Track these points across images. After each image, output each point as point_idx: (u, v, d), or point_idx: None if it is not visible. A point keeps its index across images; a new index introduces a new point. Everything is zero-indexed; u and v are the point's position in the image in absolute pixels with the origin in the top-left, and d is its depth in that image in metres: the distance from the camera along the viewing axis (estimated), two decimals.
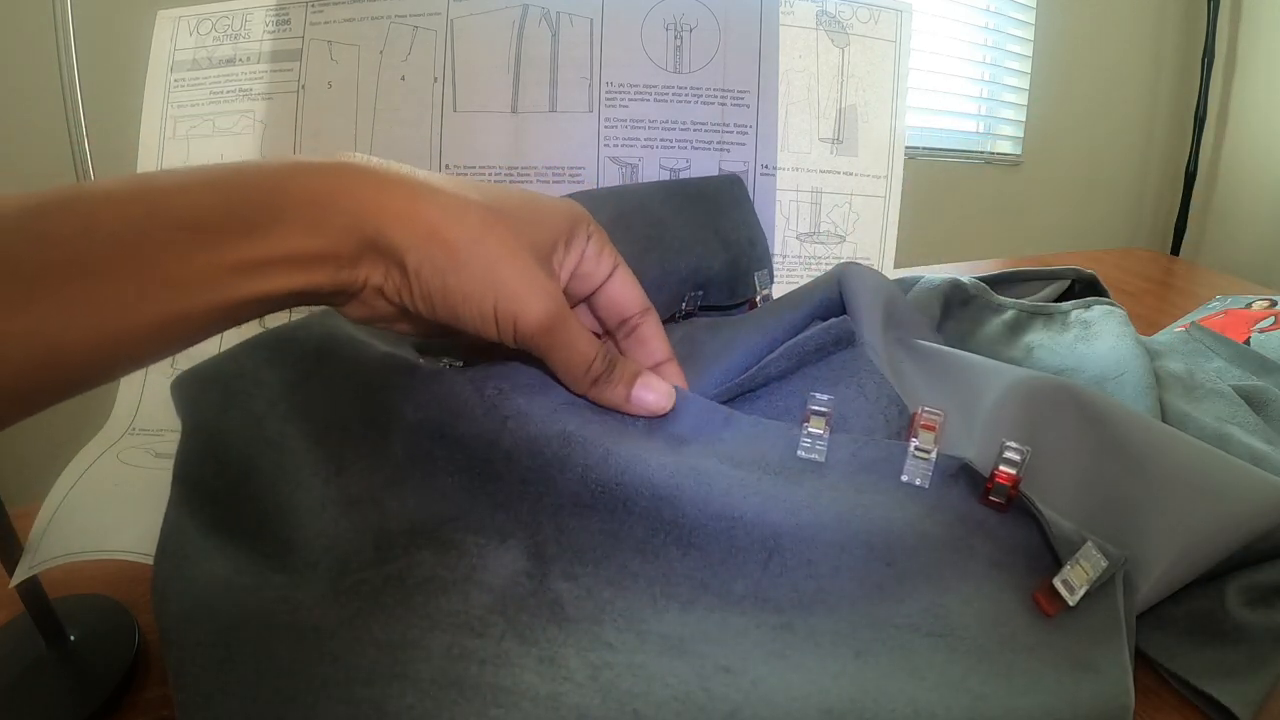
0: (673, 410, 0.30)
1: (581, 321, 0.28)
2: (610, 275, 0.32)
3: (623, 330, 0.33)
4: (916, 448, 0.29)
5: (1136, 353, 0.43)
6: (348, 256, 0.25)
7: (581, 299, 0.33)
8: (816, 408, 0.29)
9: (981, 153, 1.67)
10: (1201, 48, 1.64)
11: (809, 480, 0.29)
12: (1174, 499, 0.29)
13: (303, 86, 0.50)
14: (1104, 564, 0.26)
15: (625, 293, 0.32)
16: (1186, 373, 0.44)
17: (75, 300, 0.20)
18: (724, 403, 0.33)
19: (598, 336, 0.30)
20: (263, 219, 0.23)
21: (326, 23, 0.50)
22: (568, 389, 0.30)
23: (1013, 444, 0.27)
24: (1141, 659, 0.29)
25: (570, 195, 0.45)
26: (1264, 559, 0.30)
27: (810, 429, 0.29)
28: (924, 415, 0.29)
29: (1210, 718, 0.28)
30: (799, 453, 0.29)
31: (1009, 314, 0.52)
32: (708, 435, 0.30)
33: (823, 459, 0.29)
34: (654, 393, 0.30)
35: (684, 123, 0.52)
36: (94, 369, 0.21)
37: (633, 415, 0.30)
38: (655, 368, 0.32)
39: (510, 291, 0.26)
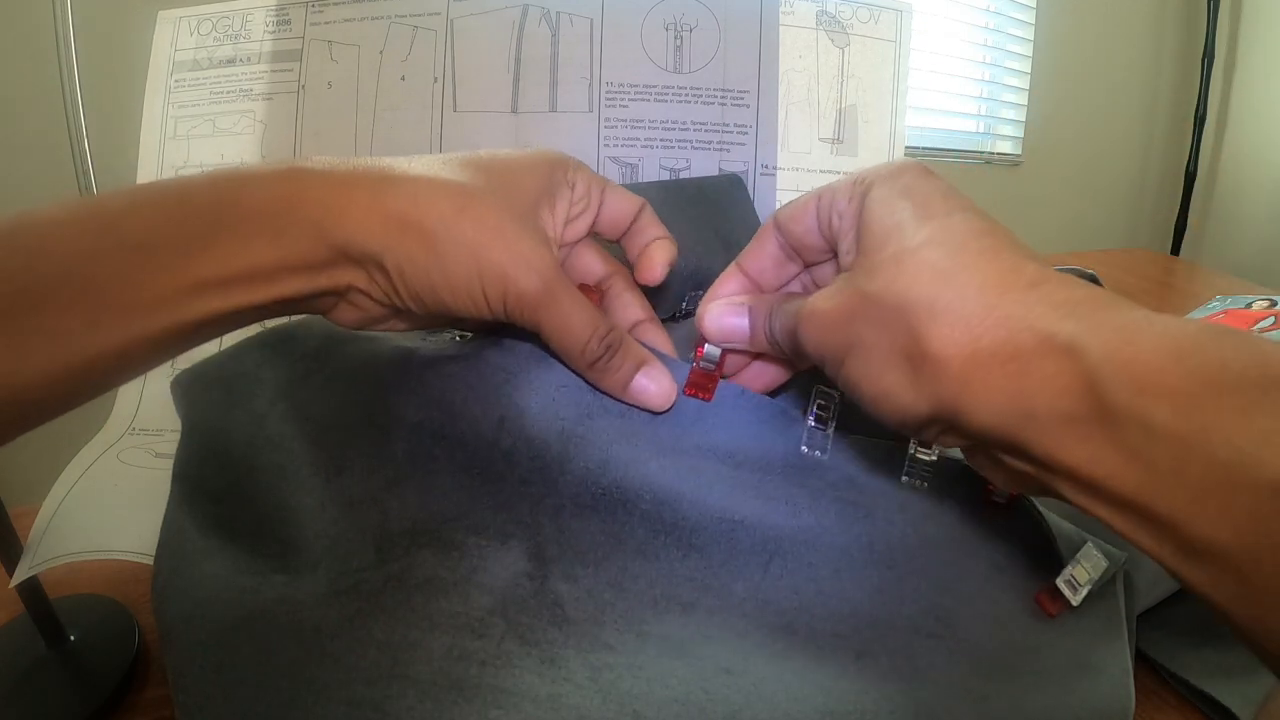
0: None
1: (579, 295, 0.27)
2: (603, 200, 0.31)
3: (627, 236, 0.32)
4: (918, 449, 0.29)
5: None
6: (320, 264, 0.24)
7: (584, 236, 0.32)
8: (822, 401, 0.29)
9: (981, 153, 1.66)
10: (1201, 48, 1.64)
11: (811, 480, 0.29)
12: None
13: (303, 86, 0.50)
14: (1104, 564, 0.26)
15: (618, 206, 0.31)
16: None
17: (26, 334, 0.19)
18: None
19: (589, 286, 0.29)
20: (216, 235, 0.22)
21: (326, 23, 0.50)
22: (567, 367, 0.29)
23: None
24: (1142, 659, 0.29)
25: None
26: None
27: (814, 423, 0.29)
28: None
29: (1210, 718, 0.28)
30: (802, 447, 0.29)
31: None
32: (714, 418, 0.29)
33: (825, 454, 0.29)
34: (655, 384, 0.28)
35: (684, 123, 0.52)
36: (54, 400, 0.21)
37: (628, 404, 0.29)
38: (653, 243, 0.32)
39: (495, 270, 0.25)
